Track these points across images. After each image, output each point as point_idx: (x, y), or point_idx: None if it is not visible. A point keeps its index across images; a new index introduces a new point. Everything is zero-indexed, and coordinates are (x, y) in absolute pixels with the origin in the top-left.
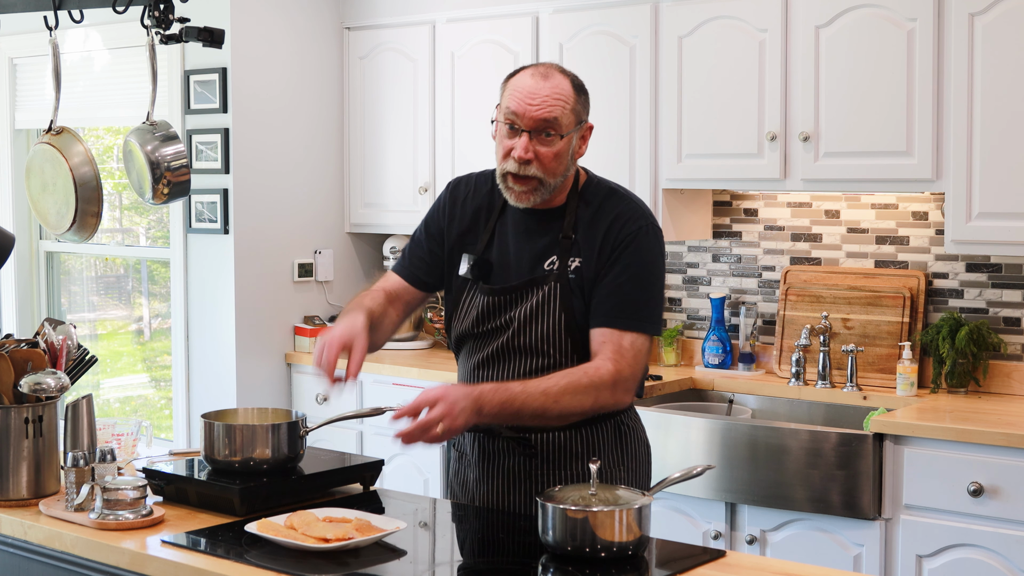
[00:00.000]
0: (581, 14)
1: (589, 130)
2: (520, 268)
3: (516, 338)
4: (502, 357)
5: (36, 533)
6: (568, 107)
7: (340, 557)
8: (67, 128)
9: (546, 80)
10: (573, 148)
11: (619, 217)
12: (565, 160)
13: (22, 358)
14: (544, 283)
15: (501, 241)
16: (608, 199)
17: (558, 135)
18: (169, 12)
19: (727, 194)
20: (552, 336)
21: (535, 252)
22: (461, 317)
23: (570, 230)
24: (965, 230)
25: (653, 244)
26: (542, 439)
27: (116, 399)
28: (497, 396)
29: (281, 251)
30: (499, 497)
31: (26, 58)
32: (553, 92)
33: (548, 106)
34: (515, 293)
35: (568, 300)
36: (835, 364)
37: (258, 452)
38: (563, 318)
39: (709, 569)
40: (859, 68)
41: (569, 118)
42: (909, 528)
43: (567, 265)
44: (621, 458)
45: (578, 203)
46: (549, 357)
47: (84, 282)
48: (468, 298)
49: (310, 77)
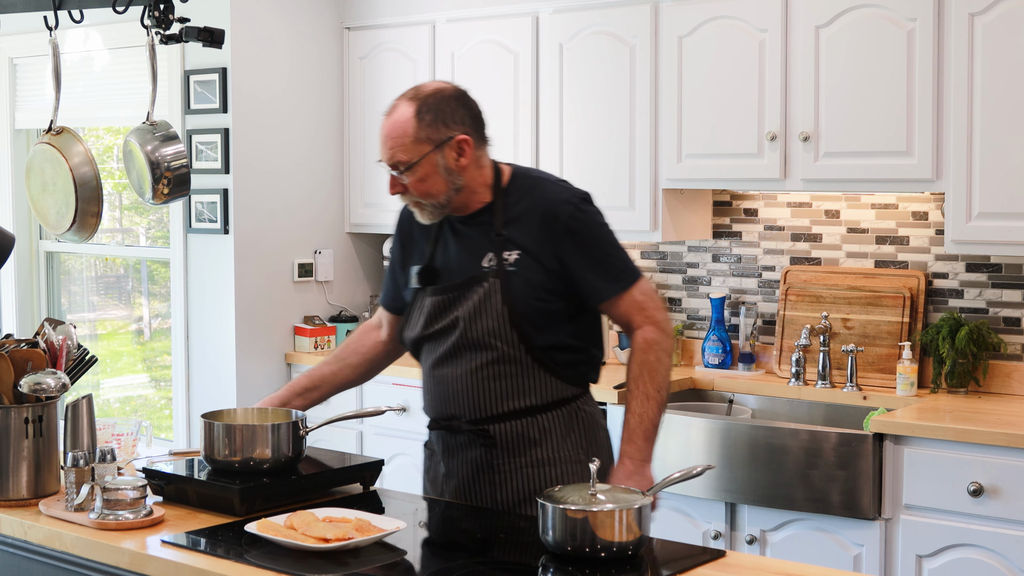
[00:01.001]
0: (581, 14)
1: (461, 141)
2: (460, 269)
3: (465, 335)
4: (454, 355)
5: (36, 533)
6: (408, 141)
7: (340, 557)
8: (67, 128)
9: (389, 118)
10: (445, 164)
11: (552, 205)
12: (436, 179)
13: (22, 358)
14: (484, 280)
15: (443, 248)
16: (533, 190)
17: (409, 170)
18: (169, 12)
19: (727, 194)
20: (498, 330)
21: (472, 253)
22: (412, 323)
23: (501, 227)
24: (965, 230)
25: (593, 211)
26: (500, 429)
27: (116, 399)
28: (646, 447)
29: (281, 251)
30: (466, 488)
31: (26, 58)
32: (392, 132)
33: (389, 149)
34: (456, 291)
35: (509, 294)
36: (835, 364)
37: (258, 452)
38: (506, 311)
39: (709, 569)
40: (859, 68)
41: (413, 151)
42: (909, 528)
43: (504, 260)
44: (579, 441)
45: (504, 200)
46: (498, 351)
47: (84, 282)
48: (417, 304)
49: (310, 77)
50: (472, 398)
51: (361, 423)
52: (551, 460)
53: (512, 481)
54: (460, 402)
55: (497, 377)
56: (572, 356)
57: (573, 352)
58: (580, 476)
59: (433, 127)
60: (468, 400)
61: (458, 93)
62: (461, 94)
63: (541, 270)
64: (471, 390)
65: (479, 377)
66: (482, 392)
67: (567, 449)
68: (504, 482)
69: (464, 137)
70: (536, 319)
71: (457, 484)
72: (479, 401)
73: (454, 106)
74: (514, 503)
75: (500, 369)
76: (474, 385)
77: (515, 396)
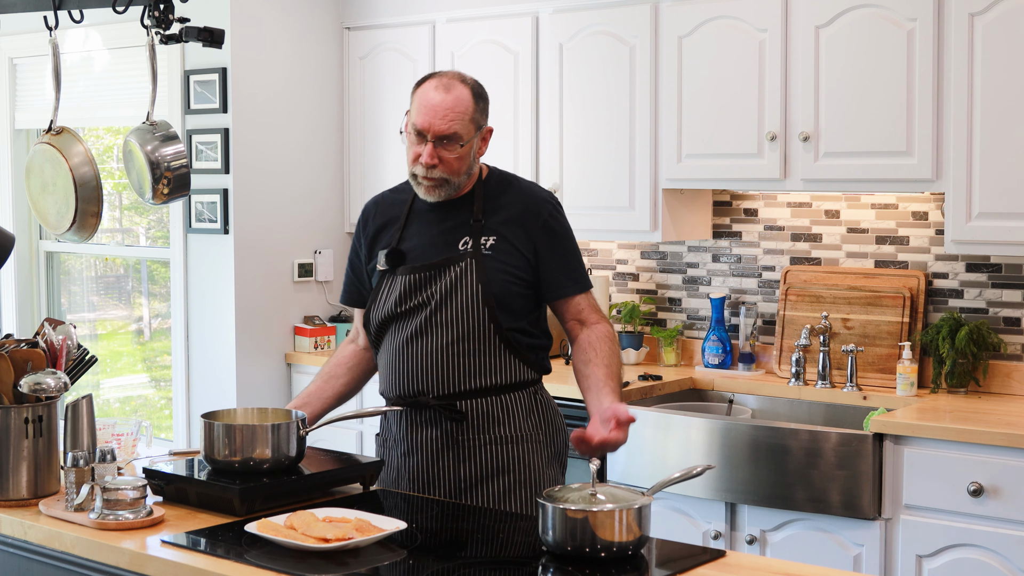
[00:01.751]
0: (581, 14)
1: (490, 132)
2: (435, 250)
3: (437, 313)
4: (425, 332)
5: (36, 533)
6: (468, 118)
7: (340, 557)
8: (67, 128)
9: (448, 93)
10: (475, 150)
11: (534, 200)
12: (468, 161)
13: (22, 358)
14: (460, 260)
15: (412, 232)
16: (509, 187)
17: (458, 144)
18: (169, 12)
19: (727, 194)
20: (471, 307)
21: (447, 236)
22: (381, 303)
23: (479, 214)
24: (965, 230)
25: (563, 216)
26: (467, 405)
27: (116, 399)
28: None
29: (281, 251)
30: (429, 464)
31: (26, 58)
32: (454, 107)
33: (449, 120)
34: (434, 270)
35: (483, 273)
36: (835, 364)
37: (258, 452)
38: (480, 289)
39: (709, 569)
40: (859, 68)
41: (469, 128)
42: (909, 528)
43: (480, 244)
44: (539, 423)
45: (484, 190)
46: (468, 327)
47: (84, 282)
48: (386, 284)
49: (310, 77)
50: (442, 374)
51: (361, 423)
52: (514, 438)
53: (477, 456)
54: (429, 378)
55: (466, 355)
56: (532, 341)
57: (533, 338)
58: (541, 455)
59: (482, 114)
60: (438, 376)
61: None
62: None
63: (515, 256)
64: (441, 366)
65: (450, 353)
66: (452, 368)
67: (528, 429)
68: (469, 457)
69: (491, 128)
70: (506, 300)
71: (418, 461)
72: (448, 377)
73: (488, 100)
74: (477, 479)
75: (469, 347)
76: (444, 361)
77: (482, 374)
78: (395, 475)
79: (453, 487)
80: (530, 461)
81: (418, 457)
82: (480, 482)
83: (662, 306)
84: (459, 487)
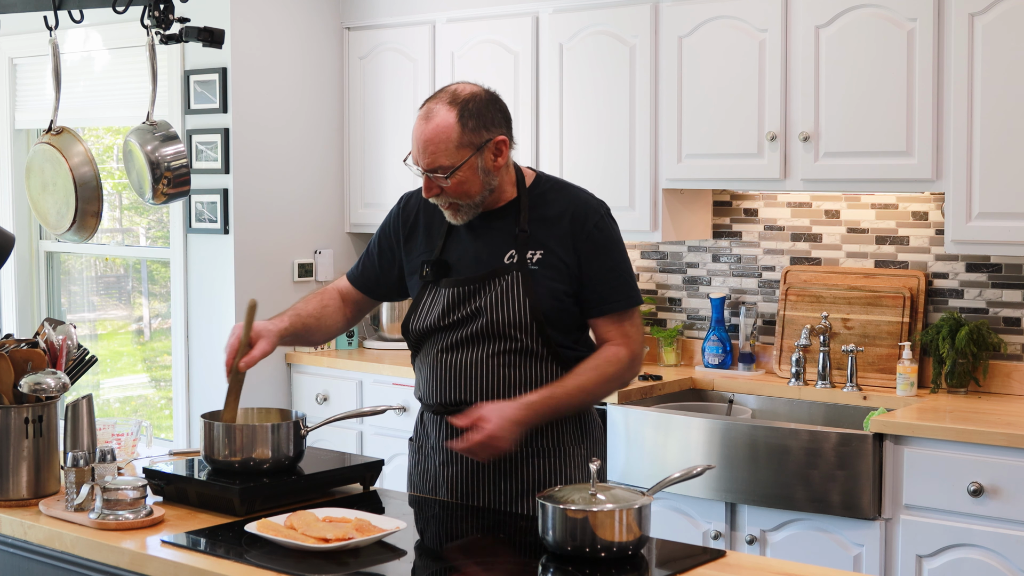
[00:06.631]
0: (581, 14)
1: (502, 143)
2: (480, 263)
3: (487, 324)
4: (471, 342)
5: (36, 533)
6: (452, 146)
7: (340, 557)
8: (67, 128)
9: (428, 123)
10: (483, 166)
11: (578, 211)
12: (474, 181)
13: (22, 358)
14: (507, 273)
15: (455, 243)
16: (559, 195)
17: (446, 175)
18: (169, 12)
19: (727, 194)
20: (520, 320)
21: (492, 248)
22: (423, 315)
23: (524, 224)
24: (965, 230)
25: (614, 227)
26: None
27: (116, 399)
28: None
29: (281, 251)
30: (467, 476)
31: (26, 58)
32: (433, 138)
33: (430, 154)
34: (480, 283)
35: (530, 288)
36: (835, 364)
37: (258, 452)
38: (527, 303)
39: (709, 569)
40: (859, 68)
41: (455, 156)
42: (909, 528)
43: (527, 257)
44: (580, 437)
45: (530, 198)
46: (517, 340)
47: (84, 282)
48: (428, 297)
49: (310, 77)
50: (486, 384)
51: (361, 423)
52: (553, 451)
53: (519, 470)
54: (472, 388)
55: (512, 366)
56: (579, 354)
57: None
58: (583, 469)
59: (476, 132)
60: (482, 386)
61: (491, 95)
62: (494, 96)
63: (561, 271)
64: (486, 376)
65: (495, 364)
66: (497, 379)
67: (567, 440)
68: (511, 471)
69: (503, 138)
70: (553, 316)
71: (458, 472)
72: (493, 387)
73: (492, 109)
74: (518, 492)
75: (516, 359)
76: (489, 372)
77: (527, 385)
78: (432, 483)
79: (494, 500)
80: (572, 476)
81: (458, 468)
82: (521, 496)
83: (662, 306)
84: (499, 500)
